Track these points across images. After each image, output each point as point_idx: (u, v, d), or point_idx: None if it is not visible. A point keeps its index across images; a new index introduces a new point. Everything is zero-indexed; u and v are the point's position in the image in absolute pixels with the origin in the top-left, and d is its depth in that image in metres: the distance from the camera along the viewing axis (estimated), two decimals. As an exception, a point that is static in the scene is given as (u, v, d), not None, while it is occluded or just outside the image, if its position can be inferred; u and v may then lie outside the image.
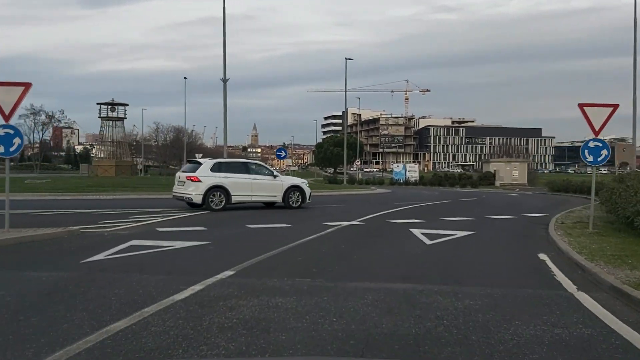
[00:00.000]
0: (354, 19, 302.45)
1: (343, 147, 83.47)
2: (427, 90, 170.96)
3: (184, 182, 17.75)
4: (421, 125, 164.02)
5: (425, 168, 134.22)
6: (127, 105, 71.70)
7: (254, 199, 18.61)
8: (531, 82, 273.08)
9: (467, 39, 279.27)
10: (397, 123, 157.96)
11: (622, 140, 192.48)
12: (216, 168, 18.00)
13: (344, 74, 43.75)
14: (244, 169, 18.82)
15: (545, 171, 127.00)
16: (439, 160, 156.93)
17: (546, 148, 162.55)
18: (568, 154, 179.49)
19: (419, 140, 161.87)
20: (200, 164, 18.43)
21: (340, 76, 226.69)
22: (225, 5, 28.05)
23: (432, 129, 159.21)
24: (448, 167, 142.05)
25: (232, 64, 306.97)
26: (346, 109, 46.80)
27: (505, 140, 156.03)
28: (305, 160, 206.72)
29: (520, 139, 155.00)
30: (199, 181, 17.40)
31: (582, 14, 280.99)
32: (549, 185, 41.38)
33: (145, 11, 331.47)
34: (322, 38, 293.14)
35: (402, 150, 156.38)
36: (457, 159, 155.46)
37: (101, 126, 71.33)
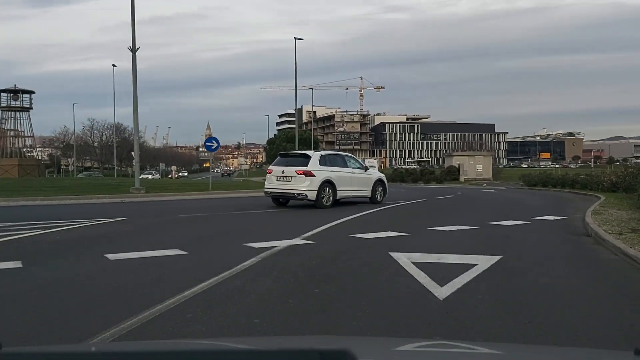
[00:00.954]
0: (306, 18, 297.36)
1: (296, 142, 79.27)
2: (382, 88, 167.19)
3: (292, 177, 16.13)
4: (377, 122, 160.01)
5: (382, 165, 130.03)
6: (33, 92, 60.71)
7: (353, 194, 17.35)
8: (483, 80, 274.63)
9: (418, 38, 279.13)
10: (352, 120, 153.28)
11: (571, 134, 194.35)
12: (323, 161, 16.60)
13: (299, 71, 37.86)
14: (343, 162, 17.42)
15: (500, 166, 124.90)
16: (395, 156, 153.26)
17: (500, 143, 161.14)
18: (520, 148, 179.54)
19: (374, 137, 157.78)
20: (308, 156, 16.56)
21: (292, 75, 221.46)
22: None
23: (387, 125, 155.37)
24: (404, 163, 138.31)
25: (183, 63, 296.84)
26: (296, 97, 40.99)
27: (460, 135, 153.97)
28: (260, 159, 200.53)
29: (474, 135, 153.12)
30: (313, 176, 15.96)
31: (527, 13, 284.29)
32: (525, 179, 36.72)
33: (91, 11, 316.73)
34: (274, 37, 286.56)
35: (359, 147, 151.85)
36: (413, 155, 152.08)
37: (2, 117, 60.10)
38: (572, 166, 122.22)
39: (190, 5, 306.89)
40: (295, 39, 39.18)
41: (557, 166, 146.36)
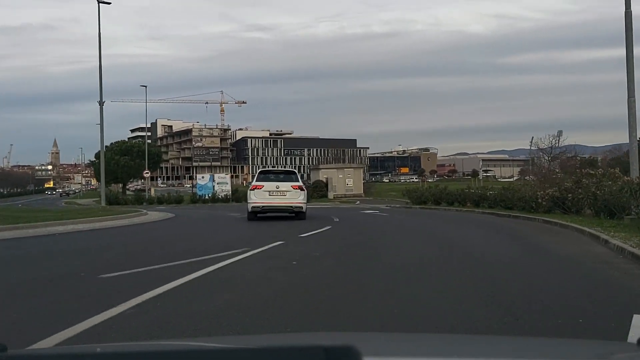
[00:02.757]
0: (166, 33, 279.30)
1: (132, 155, 65.09)
2: (243, 102, 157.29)
3: (287, 191, 17.12)
4: (238, 137, 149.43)
5: (244, 181, 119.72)
6: None
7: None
8: (343, 99, 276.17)
9: (281, 57, 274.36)
10: (211, 134, 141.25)
11: (426, 150, 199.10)
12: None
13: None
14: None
15: (363, 181, 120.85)
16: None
17: (361, 158, 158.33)
18: (380, 163, 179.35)
19: (236, 152, 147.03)
20: (294, 172, 19.09)
21: (153, 90, 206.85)
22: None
23: (250, 140, 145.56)
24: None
25: (30, 76, 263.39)
26: (101, 88, 29.23)
27: (324, 150, 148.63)
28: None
29: (337, 150, 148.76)
30: (304, 190, 17.82)
31: (381, 38, 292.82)
32: (411, 195, 28.62)
33: None
34: (133, 51, 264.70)
35: (219, 163, 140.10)
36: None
37: None
38: (429, 180, 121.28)
39: (37, 15, 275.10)
40: (99, 2, 27.67)
41: (416, 180, 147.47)
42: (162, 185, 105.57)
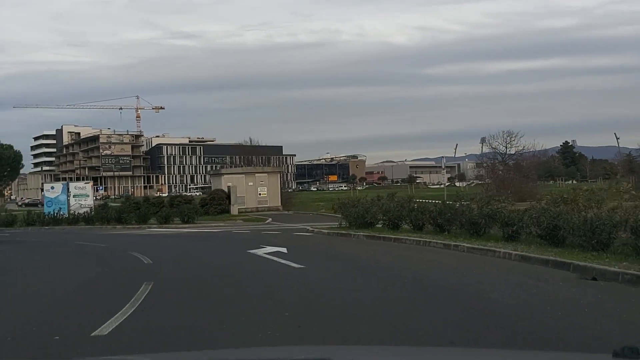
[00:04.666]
0: (86, 40, 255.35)
1: None
2: (161, 108, 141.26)
3: None
4: (154, 145, 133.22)
5: (159, 192, 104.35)
6: None
7: None
8: (270, 108, 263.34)
9: (207, 65, 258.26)
10: (121, 141, 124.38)
11: (354, 157, 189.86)
12: None
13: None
14: None
15: (289, 189, 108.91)
16: (176, 182, 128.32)
17: (288, 166, 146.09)
18: (308, 171, 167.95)
19: (150, 161, 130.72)
20: None
21: (74, 98, 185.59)
22: None
23: (165, 147, 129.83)
24: (186, 189, 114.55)
25: None
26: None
27: (248, 158, 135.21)
28: None
29: (262, 157, 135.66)
30: None
31: (308, 47, 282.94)
32: (346, 210, 16.65)
33: None
34: (52, 58, 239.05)
35: (130, 172, 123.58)
36: (195, 181, 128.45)
37: None
38: (359, 187, 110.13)
39: None
40: None
41: (345, 187, 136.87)
42: (27, 199, 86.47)
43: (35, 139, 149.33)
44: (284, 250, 11.45)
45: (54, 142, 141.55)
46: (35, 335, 5.19)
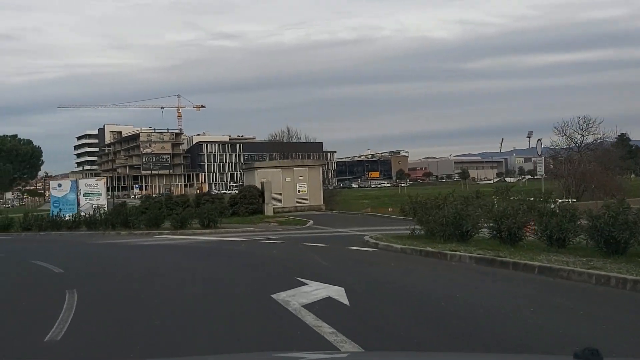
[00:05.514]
0: (130, 43, 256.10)
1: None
2: (202, 106, 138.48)
3: None
4: (194, 143, 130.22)
5: (199, 190, 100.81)
6: None
7: None
8: (308, 106, 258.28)
9: (247, 64, 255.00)
10: (161, 140, 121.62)
11: (396, 153, 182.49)
12: None
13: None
14: None
15: (330, 187, 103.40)
16: (216, 180, 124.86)
17: (328, 163, 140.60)
18: (348, 168, 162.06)
19: (191, 159, 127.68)
20: None
21: (117, 99, 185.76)
22: None
23: (205, 145, 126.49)
24: (226, 187, 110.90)
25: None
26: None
27: (288, 155, 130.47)
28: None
29: (300, 155, 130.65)
30: None
31: (347, 44, 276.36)
32: (422, 212, 10.92)
33: None
34: (96, 61, 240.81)
35: (170, 171, 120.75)
36: (235, 179, 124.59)
37: None
38: (402, 185, 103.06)
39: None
40: None
41: (388, 184, 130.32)
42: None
43: (79, 138, 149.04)
44: (341, 294, 5.88)
45: (97, 141, 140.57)
46: None
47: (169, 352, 4.26)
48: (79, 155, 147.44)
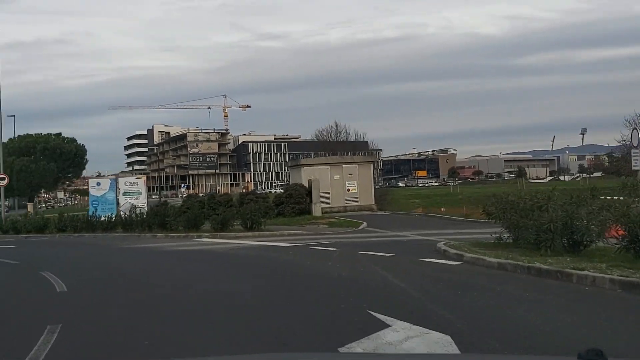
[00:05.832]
0: (178, 45, 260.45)
1: (37, 155, 42.53)
2: (248, 106, 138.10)
3: None
4: (240, 143, 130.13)
5: (245, 189, 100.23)
6: None
7: None
8: (354, 105, 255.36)
9: (292, 64, 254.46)
10: (208, 139, 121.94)
11: (444, 151, 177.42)
12: None
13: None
14: None
15: (376, 186, 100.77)
16: (262, 179, 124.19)
17: (375, 162, 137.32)
18: (395, 167, 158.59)
19: (237, 158, 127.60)
20: None
21: (165, 100, 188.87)
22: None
23: (250, 145, 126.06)
24: (271, 187, 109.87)
25: (45, 90, 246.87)
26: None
27: (333, 153, 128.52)
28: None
29: (347, 153, 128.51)
30: None
31: (392, 42, 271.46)
32: (515, 214, 8.45)
33: None
34: (146, 63, 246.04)
35: (216, 170, 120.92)
36: (280, 178, 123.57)
37: None
38: (450, 183, 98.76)
39: (51, 30, 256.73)
40: None
41: (436, 183, 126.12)
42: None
43: (129, 139, 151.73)
44: (448, 346, 3.62)
45: (146, 141, 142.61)
46: None
47: None
48: (129, 156, 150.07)
